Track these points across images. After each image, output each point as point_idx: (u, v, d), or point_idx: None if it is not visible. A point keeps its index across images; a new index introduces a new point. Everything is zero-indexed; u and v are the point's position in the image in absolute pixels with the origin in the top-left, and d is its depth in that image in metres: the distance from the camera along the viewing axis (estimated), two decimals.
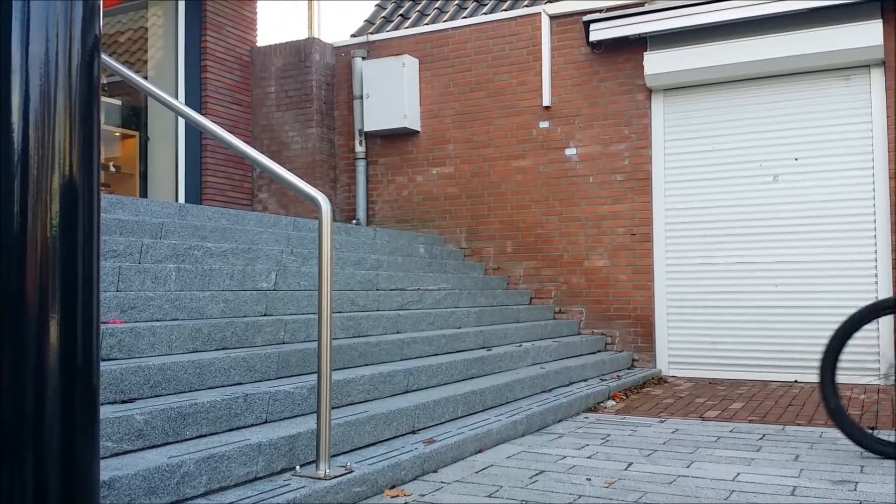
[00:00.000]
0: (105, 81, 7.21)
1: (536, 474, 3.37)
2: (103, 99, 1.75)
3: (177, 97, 7.59)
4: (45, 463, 1.51)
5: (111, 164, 7.72)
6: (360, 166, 7.98)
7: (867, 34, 6.01)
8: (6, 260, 1.49)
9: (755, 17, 6.34)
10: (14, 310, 1.49)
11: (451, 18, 8.21)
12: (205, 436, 2.94)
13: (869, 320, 3.77)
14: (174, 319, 3.77)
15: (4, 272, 1.50)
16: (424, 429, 3.82)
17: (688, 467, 3.51)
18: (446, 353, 5.02)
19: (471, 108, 7.51)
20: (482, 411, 4.37)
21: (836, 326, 6.20)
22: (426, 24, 8.24)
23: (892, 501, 2.94)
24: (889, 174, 6.09)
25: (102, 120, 1.66)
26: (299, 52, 8.09)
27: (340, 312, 4.85)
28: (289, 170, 3.42)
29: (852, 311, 6.15)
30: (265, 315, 4.34)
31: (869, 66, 6.21)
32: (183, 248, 4.40)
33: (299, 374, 3.83)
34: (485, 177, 7.48)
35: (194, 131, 7.72)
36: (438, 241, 7.51)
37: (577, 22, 7.11)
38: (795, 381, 6.24)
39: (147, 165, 7.88)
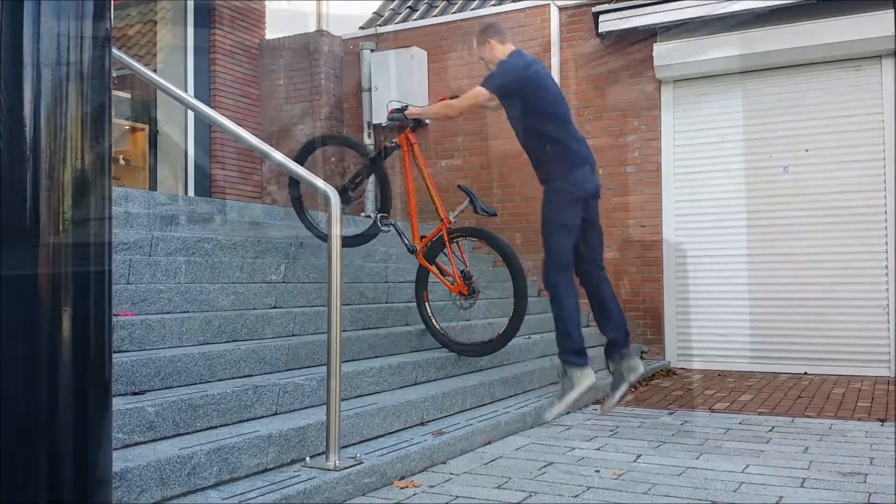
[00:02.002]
0: (114, 75, 7.21)
1: (545, 466, 3.37)
2: (113, 92, 1.74)
3: (186, 90, 7.60)
4: (59, 456, 1.53)
5: (121, 157, 7.75)
6: None
7: (878, 24, 5.96)
8: (19, 254, 1.50)
9: (765, 8, 6.30)
10: (27, 304, 1.50)
11: (460, 10, 8.18)
12: (215, 427, 2.96)
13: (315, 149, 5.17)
14: (184, 312, 3.79)
15: (17, 266, 1.51)
16: (433, 420, 3.84)
17: (697, 459, 3.51)
18: None
19: None
20: (491, 403, 4.38)
21: (846, 319, 6.20)
22: (435, 15, 8.21)
23: None
24: None
25: (112, 113, 1.66)
26: (308, 45, 8.08)
27: (350, 305, 4.86)
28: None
29: (862, 303, 6.15)
30: (275, 307, 4.36)
31: (880, 56, 6.17)
32: (193, 240, 4.41)
33: (309, 366, 3.84)
34: (494, 169, 7.46)
35: (204, 124, 7.73)
36: None
37: (587, 13, 7.07)
38: (805, 373, 6.22)
39: (156, 158, 7.90)
